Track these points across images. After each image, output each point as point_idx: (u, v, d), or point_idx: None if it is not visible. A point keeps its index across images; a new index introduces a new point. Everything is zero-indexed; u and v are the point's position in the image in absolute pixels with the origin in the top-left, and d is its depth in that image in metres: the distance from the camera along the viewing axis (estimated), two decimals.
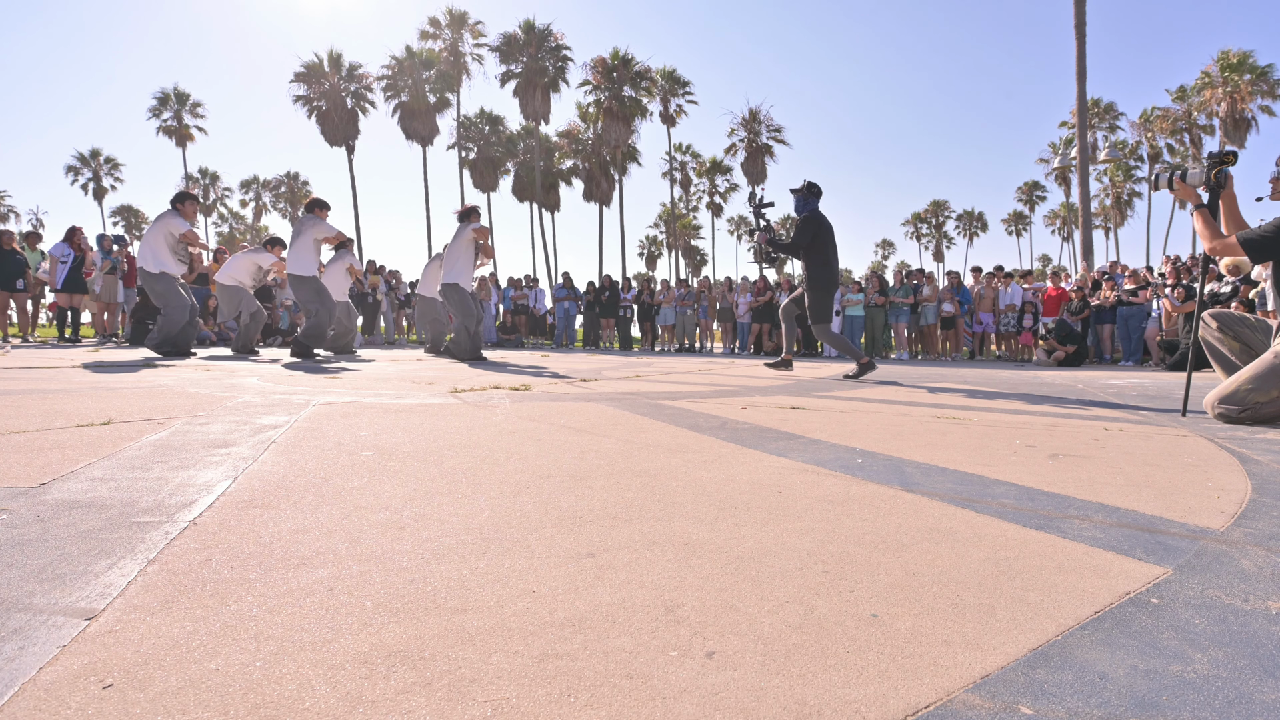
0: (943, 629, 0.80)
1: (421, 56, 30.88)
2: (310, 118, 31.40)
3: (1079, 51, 16.83)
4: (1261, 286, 7.14)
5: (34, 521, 1.15)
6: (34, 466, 1.55)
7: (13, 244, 10.28)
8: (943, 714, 0.62)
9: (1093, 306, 10.41)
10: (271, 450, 1.81)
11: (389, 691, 0.64)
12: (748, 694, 0.65)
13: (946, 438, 2.25)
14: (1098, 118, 37.63)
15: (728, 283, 14.90)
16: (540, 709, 0.62)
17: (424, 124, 31.50)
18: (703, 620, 0.81)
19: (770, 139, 35.27)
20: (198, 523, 1.17)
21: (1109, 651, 0.74)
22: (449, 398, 3.22)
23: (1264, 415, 2.80)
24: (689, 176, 43.59)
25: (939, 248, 60.14)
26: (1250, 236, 2.94)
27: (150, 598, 0.85)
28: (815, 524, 1.22)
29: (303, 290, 7.02)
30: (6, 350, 7.44)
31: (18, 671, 0.67)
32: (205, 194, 49.65)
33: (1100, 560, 1.04)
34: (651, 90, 32.09)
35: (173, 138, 40.06)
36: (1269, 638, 0.78)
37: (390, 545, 1.07)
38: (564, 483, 1.52)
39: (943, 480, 1.60)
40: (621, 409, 2.91)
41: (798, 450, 1.97)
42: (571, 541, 1.10)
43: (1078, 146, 17.22)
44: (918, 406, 3.26)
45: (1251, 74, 30.54)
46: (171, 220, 6.77)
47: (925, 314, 12.28)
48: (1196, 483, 1.61)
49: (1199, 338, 3.40)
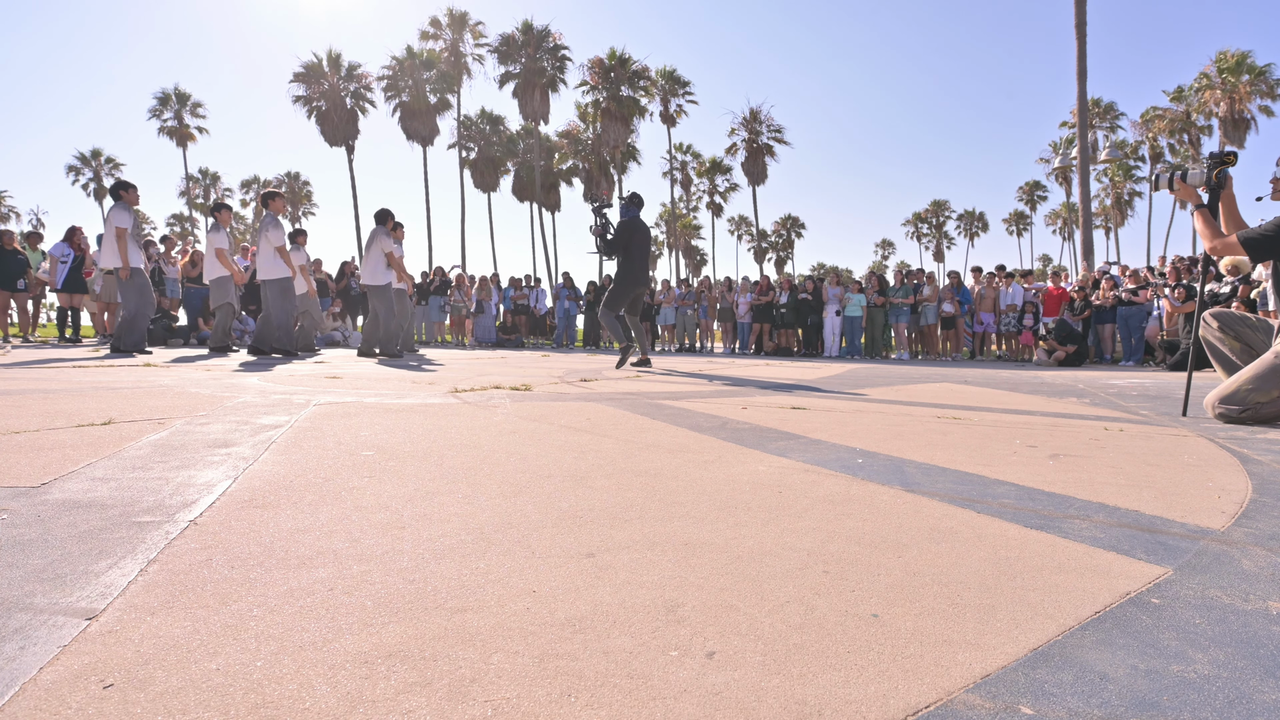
0: (943, 629, 0.80)
1: (422, 57, 30.89)
2: (310, 118, 31.42)
3: (1079, 51, 16.82)
4: (1262, 286, 7.14)
5: (35, 521, 1.15)
6: (35, 466, 1.55)
7: (13, 244, 10.29)
8: (943, 714, 0.62)
9: (1094, 306, 10.41)
10: (272, 450, 1.81)
11: (389, 691, 0.64)
12: (748, 694, 0.65)
13: (947, 438, 2.25)
14: (1098, 117, 37.62)
15: (728, 282, 14.89)
16: (541, 709, 0.62)
17: (424, 124, 31.51)
18: (703, 620, 0.81)
19: (771, 139, 35.30)
20: (198, 523, 1.17)
21: (1109, 651, 0.74)
22: (449, 398, 3.22)
23: (1264, 415, 2.80)
24: (689, 176, 43.62)
25: (939, 248, 60.12)
26: (1250, 236, 2.94)
27: (151, 597, 0.85)
28: (816, 524, 1.22)
29: (380, 298, 7.60)
30: (7, 350, 7.45)
31: (18, 671, 0.67)
32: (206, 194, 49.68)
33: (1101, 560, 1.04)
34: (650, 90, 32.09)
35: (173, 138, 40.11)
36: (1269, 638, 0.78)
37: (391, 545, 1.07)
38: (564, 483, 1.52)
39: (943, 480, 1.60)
40: (622, 409, 2.91)
41: (798, 450, 1.97)
42: (572, 541, 1.10)
43: (1078, 146, 17.21)
44: (918, 406, 3.26)
45: (1250, 74, 30.54)
46: (115, 214, 6.92)
47: (925, 314, 12.28)
48: (1197, 483, 1.61)
49: (1200, 337, 3.40)
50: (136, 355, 6.42)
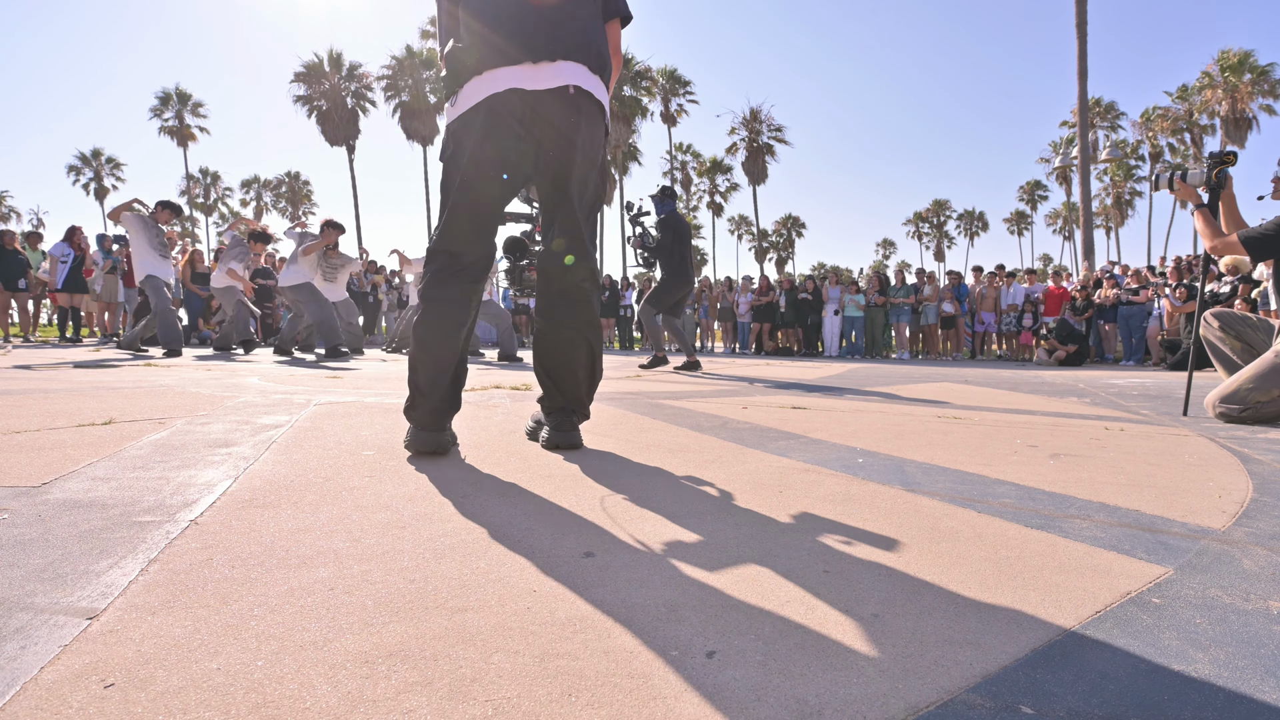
0: (943, 628, 0.80)
1: (422, 56, 30.89)
2: (310, 117, 31.44)
3: (1080, 50, 16.81)
4: (1263, 286, 7.13)
5: (35, 521, 1.15)
6: (35, 466, 1.55)
7: (14, 244, 10.30)
8: (944, 714, 0.62)
9: (1095, 305, 10.40)
10: (273, 450, 1.81)
11: (390, 691, 0.64)
12: (748, 693, 0.65)
13: (947, 438, 2.25)
14: (1099, 117, 37.59)
15: (728, 282, 14.89)
16: (541, 708, 0.62)
17: (425, 124, 31.51)
18: (704, 619, 0.81)
19: (771, 138, 35.30)
20: (199, 522, 1.17)
21: (1110, 651, 0.74)
22: None
23: (1265, 414, 2.79)
24: (689, 176, 43.60)
25: (940, 247, 60.09)
26: (1251, 235, 2.94)
27: (151, 597, 0.85)
28: (816, 524, 1.22)
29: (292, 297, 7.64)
30: (8, 350, 7.45)
31: (19, 671, 0.67)
32: (206, 194, 49.70)
33: (1101, 560, 1.04)
34: (651, 90, 32.10)
35: (174, 138, 40.13)
36: (1270, 637, 0.78)
37: (391, 545, 1.07)
38: (565, 481, 1.52)
39: (944, 480, 1.60)
40: (622, 408, 2.91)
41: (799, 450, 1.96)
42: (572, 540, 1.10)
43: (1079, 146, 17.20)
44: (919, 406, 3.26)
45: (1252, 73, 30.53)
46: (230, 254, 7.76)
47: (926, 313, 12.28)
48: (1198, 482, 1.61)
49: (1200, 337, 3.40)
50: (246, 351, 6.95)
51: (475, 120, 1.78)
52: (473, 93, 1.78)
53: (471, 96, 1.78)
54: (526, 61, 1.76)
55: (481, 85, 1.77)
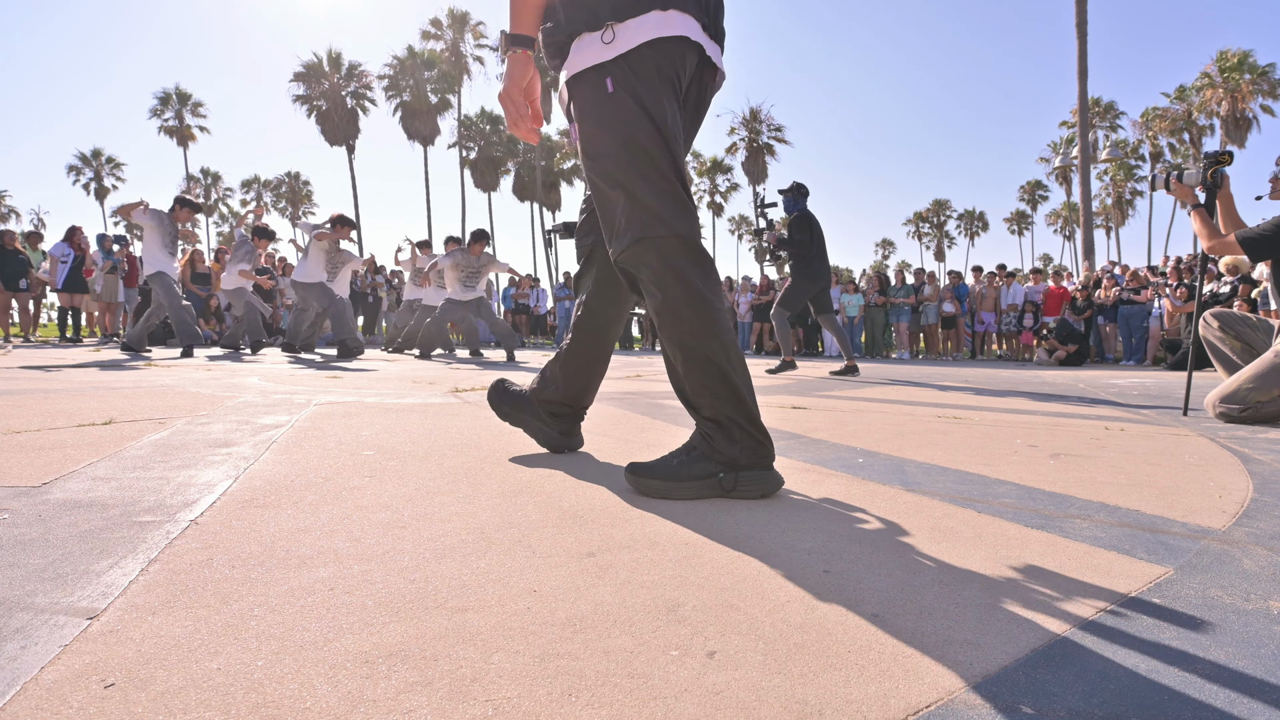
0: (943, 628, 0.80)
1: (423, 57, 30.91)
2: (310, 117, 31.46)
3: (1080, 50, 16.81)
4: (1263, 286, 7.13)
5: (35, 521, 1.15)
6: (35, 466, 1.55)
7: (15, 244, 10.30)
8: (944, 714, 0.62)
9: (1095, 305, 10.40)
10: (273, 450, 1.81)
11: (390, 691, 0.64)
12: (748, 693, 0.65)
13: (948, 437, 2.25)
14: (1099, 117, 37.59)
15: (728, 282, 14.89)
16: (541, 708, 0.62)
17: (425, 124, 31.54)
18: (704, 619, 0.81)
19: (771, 138, 35.31)
20: (199, 522, 1.17)
21: (1110, 651, 0.74)
22: (450, 397, 3.22)
23: (1265, 414, 2.79)
24: (690, 176, 43.58)
25: (940, 247, 60.09)
26: (1249, 235, 2.94)
27: (152, 597, 0.85)
28: (817, 523, 1.22)
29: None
30: (8, 350, 7.45)
31: (19, 671, 0.67)
32: (207, 194, 49.69)
33: (1102, 560, 1.04)
34: None
35: (174, 138, 40.16)
36: (1270, 638, 0.78)
37: (391, 545, 1.07)
38: (565, 482, 1.52)
39: (944, 480, 1.60)
40: (622, 408, 2.91)
41: (799, 450, 1.96)
42: (572, 541, 1.10)
43: (1079, 146, 17.21)
44: (919, 406, 3.26)
45: (1252, 74, 30.54)
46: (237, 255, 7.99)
47: (926, 313, 12.28)
48: (1198, 482, 1.61)
49: (1200, 337, 3.40)
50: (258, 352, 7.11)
51: (646, 63, 1.36)
52: (645, 27, 1.36)
53: (643, 31, 1.36)
54: (699, 23, 1.42)
55: (656, 22, 1.35)
